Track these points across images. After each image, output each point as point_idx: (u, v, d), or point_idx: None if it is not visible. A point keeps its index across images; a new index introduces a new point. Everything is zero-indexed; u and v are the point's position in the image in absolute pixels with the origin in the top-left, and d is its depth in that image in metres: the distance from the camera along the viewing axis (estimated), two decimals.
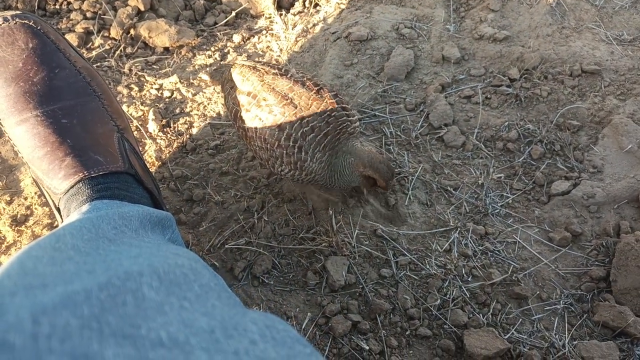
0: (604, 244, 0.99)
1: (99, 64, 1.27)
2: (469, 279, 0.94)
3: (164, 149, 1.11)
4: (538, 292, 0.93)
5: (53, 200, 0.80)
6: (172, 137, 1.13)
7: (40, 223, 0.97)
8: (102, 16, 1.34)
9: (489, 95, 1.23)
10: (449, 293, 0.92)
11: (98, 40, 1.30)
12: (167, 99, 1.21)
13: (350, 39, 1.33)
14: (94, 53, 1.27)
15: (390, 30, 1.36)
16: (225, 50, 1.34)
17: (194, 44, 1.34)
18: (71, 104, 0.80)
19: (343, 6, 1.45)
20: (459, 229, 1.01)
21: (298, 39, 1.37)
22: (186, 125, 1.15)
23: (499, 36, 1.32)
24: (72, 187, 0.75)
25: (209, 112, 1.18)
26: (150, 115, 1.14)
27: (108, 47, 1.30)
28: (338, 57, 1.30)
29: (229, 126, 1.16)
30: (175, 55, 1.32)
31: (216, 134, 1.14)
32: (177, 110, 1.19)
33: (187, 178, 1.06)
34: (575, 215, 1.03)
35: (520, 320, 0.90)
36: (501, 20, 1.39)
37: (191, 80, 1.26)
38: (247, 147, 0.94)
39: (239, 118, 0.91)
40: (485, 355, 0.82)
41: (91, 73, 0.85)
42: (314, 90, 0.87)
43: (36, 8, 1.34)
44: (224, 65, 1.24)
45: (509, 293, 0.93)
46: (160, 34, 1.31)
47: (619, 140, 1.12)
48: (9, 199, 1.00)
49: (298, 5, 1.47)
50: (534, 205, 1.06)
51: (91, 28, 1.31)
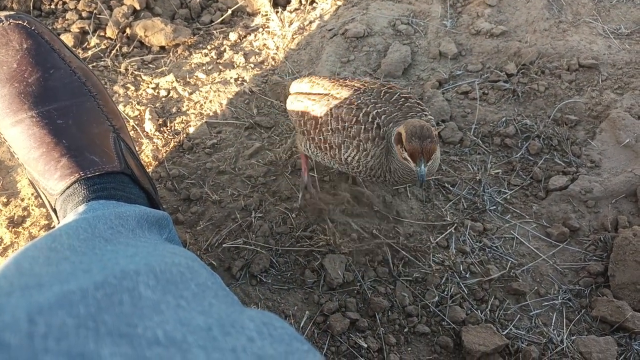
0: (602, 238, 0.99)
1: (95, 63, 1.26)
2: (467, 276, 0.94)
3: (160, 148, 1.10)
4: (536, 288, 0.93)
5: (49, 201, 0.80)
6: (169, 137, 1.13)
7: (37, 224, 0.96)
8: (98, 16, 1.33)
9: (486, 91, 1.23)
10: (447, 290, 0.92)
11: (94, 40, 1.30)
12: (164, 98, 1.21)
13: (346, 36, 1.32)
14: (90, 53, 1.27)
15: (387, 27, 1.35)
16: (222, 49, 1.34)
17: (190, 43, 1.34)
18: (66, 104, 0.79)
19: (339, 3, 1.44)
20: (456, 225, 1.01)
21: (294, 36, 1.37)
22: (183, 125, 1.15)
23: (496, 31, 1.32)
24: (68, 188, 0.75)
25: (206, 111, 1.18)
26: (147, 115, 1.14)
27: (104, 47, 1.30)
28: (335, 54, 1.29)
29: (226, 125, 1.16)
30: (171, 54, 1.32)
31: (213, 133, 1.14)
32: (174, 110, 1.18)
33: (184, 177, 1.06)
34: (573, 210, 1.03)
35: (519, 316, 0.90)
36: (498, 15, 1.39)
37: (188, 79, 1.25)
38: (312, 142, 0.92)
39: (307, 111, 0.92)
40: (483, 352, 0.82)
41: (86, 73, 0.84)
42: (386, 87, 0.89)
43: (31, 8, 1.34)
44: (283, 80, 1.23)
45: (507, 289, 0.93)
46: (156, 32, 1.31)
47: (617, 135, 1.12)
48: (5, 200, 1.00)
49: (294, 3, 1.46)
50: (531, 200, 1.06)
51: (87, 28, 1.31)
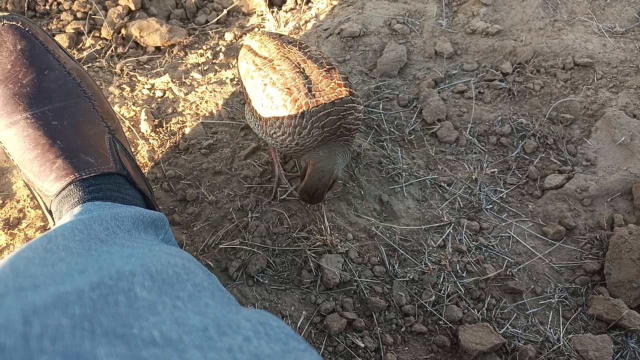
0: (598, 237, 0.99)
1: (90, 64, 1.26)
2: (464, 275, 0.94)
3: (156, 149, 1.10)
4: (532, 287, 0.94)
5: (45, 203, 0.80)
6: (165, 137, 1.12)
7: (33, 226, 0.96)
8: (93, 16, 1.33)
9: (482, 90, 1.23)
10: (443, 289, 0.92)
11: (89, 41, 1.29)
12: (159, 99, 1.20)
13: (342, 36, 1.32)
14: (85, 54, 1.27)
15: (383, 26, 1.36)
16: (217, 49, 1.34)
17: (185, 43, 1.34)
18: (61, 105, 0.79)
19: (335, 2, 1.44)
20: (453, 225, 1.01)
21: (290, 36, 1.36)
22: (179, 125, 1.15)
23: (492, 30, 1.32)
24: (64, 189, 0.75)
25: (202, 112, 1.18)
26: (143, 116, 1.13)
27: (99, 48, 1.29)
28: (331, 54, 1.29)
29: (222, 125, 1.15)
30: (166, 54, 1.31)
31: (209, 133, 1.14)
32: (170, 110, 1.18)
33: (181, 178, 1.06)
34: (568, 208, 1.03)
35: (515, 314, 0.90)
36: (493, 14, 1.39)
37: (183, 80, 1.25)
38: (248, 106, 0.98)
39: (249, 76, 0.94)
40: (480, 351, 0.82)
41: (81, 74, 0.84)
42: (325, 68, 0.90)
43: (26, 9, 1.33)
44: (239, 44, 1.30)
45: (503, 288, 0.93)
46: (151, 33, 1.30)
47: (612, 133, 1.12)
48: (1, 202, 0.99)
49: (290, 2, 1.46)
50: (527, 199, 1.06)
51: (82, 28, 1.30)
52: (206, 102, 1.19)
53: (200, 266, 0.61)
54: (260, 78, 0.91)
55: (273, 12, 1.43)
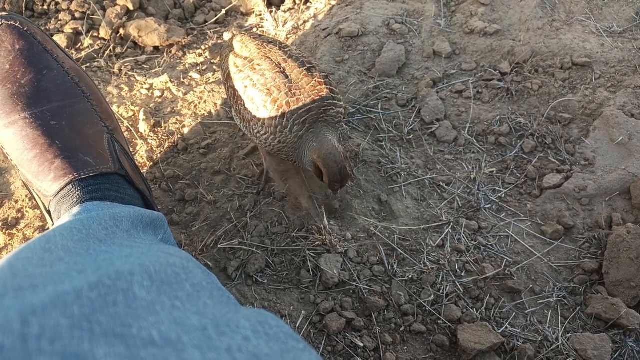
0: (596, 236, 0.99)
1: (88, 64, 1.26)
2: (463, 274, 0.94)
3: (155, 149, 1.10)
4: (531, 286, 0.94)
5: (43, 203, 0.80)
6: (164, 137, 1.12)
7: (32, 226, 0.96)
8: (91, 16, 1.33)
9: (480, 90, 1.23)
10: (442, 288, 0.92)
11: (87, 41, 1.29)
12: (158, 99, 1.20)
13: (341, 35, 1.33)
14: (83, 54, 1.27)
15: (381, 26, 1.36)
16: None
17: (184, 43, 1.34)
18: (60, 105, 0.79)
19: (333, 2, 1.44)
20: (451, 224, 1.01)
21: (289, 36, 1.37)
22: (177, 125, 1.15)
23: (490, 30, 1.33)
24: (62, 189, 0.75)
25: (200, 112, 1.18)
26: (141, 116, 1.13)
27: (97, 48, 1.29)
28: (329, 54, 1.30)
29: (221, 125, 1.15)
30: (165, 54, 1.31)
31: (208, 133, 1.14)
32: (168, 110, 1.18)
33: (179, 178, 1.05)
34: (567, 208, 1.03)
35: (514, 314, 0.90)
36: (492, 14, 1.39)
37: (182, 80, 1.25)
38: (233, 107, 0.99)
39: (231, 78, 0.95)
40: (479, 350, 0.82)
41: (79, 74, 0.84)
42: (306, 67, 0.91)
43: (24, 9, 1.33)
44: (224, 42, 1.31)
45: (502, 287, 0.93)
46: (149, 33, 1.30)
47: (610, 133, 1.13)
48: None
49: (288, 2, 1.46)
50: (526, 199, 1.06)
51: (80, 28, 1.30)
52: (205, 102, 1.19)
53: (199, 266, 0.61)
54: (240, 80, 0.92)
55: (271, 12, 1.43)
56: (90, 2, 1.33)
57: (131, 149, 1.08)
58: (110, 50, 1.29)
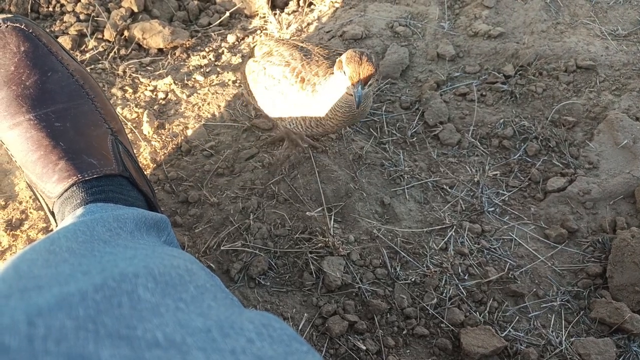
0: (600, 240, 0.99)
1: (92, 66, 1.26)
2: (466, 277, 0.94)
3: (158, 150, 1.10)
4: (534, 290, 0.93)
5: (47, 204, 0.80)
6: (167, 139, 1.12)
7: (36, 227, 0.96)
8: (96, 18, 1.33)
9: (484, 93, 1.23)
10: (445, 292, 0.92)
11: (92, 43, 1.29)
12: (162, 101, 1.21)
13: (344, 38, 1.33)
14: (88, 55, 1.27)
15: (385, 29, 1.36)
16: (220, 51, 1.34)
17: (188, 45, 1.34)
18: (64, 107, 0.79)
19: (337, 5, 1.45)
20: (455, 227, 1.01)
21: (292, 38, 1.37)
22: (181, 127, 1.15)
23: (494, 33, 1.33)
24: (66, 191, 0.75)
25: (204, 113, 1.18)
26: (145, 117, 1.14)
27: (102, 49, 1.30)
28: None
29: (224, 127, 1.15)
30: (169, 56, 1.32)
31: (211, 135, 1.14)
32: (172, 112, 1.18)
33: (183, 180, 1.06)
34: (571, 211, 1.03)
35: (517, 317, 0.90)
36: (495, 16, 1.39)
37: (186, 81, 1.25)
38: (250, 97, 1.01)
39: (250, 72, 0.98)
40: (482, 354, 0.82)
41: (84, 76, 0.84)
42: (323, 45, 0.95)
43: (29, 11, 1.34)
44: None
45: (505, 291, 0.93)
46: (154, 35, 1.30)
47: (615, 136, 1.12)
48: (3, 203, 0.99)
49: (292, 5, 1.46)
50: (529, 202, 1.06)
51: (85, 30, 1.31)
52: (208, 104, 1.20)
53: (203, 268, 0.61)
54: (259, 65, 0.94)
55: (275, 15, 1.43)
56: (95, 4, 1.34)
57: (135, 151, 1.08)
58: (115, 52, 1.29)
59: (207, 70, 1.29)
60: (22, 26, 0.79)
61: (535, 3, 1.38)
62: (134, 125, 1.14)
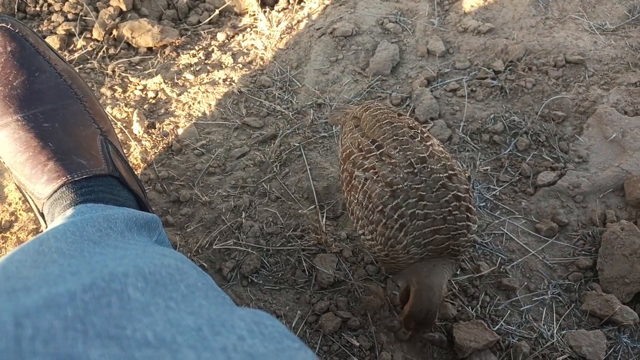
0: (590, 233, 1.00)
1: (81, 66, 1.26)
2: (458, 272, 0.94)
3: (149, 150, 1.10)
4: (526, 283, 0.94)
5: (37, 206, 0.79)
6: (158, 138, 1.12)
7: (25, 229, 0.96)
8: (84, 17, 1.32)
9: (474, 88, 1.23)
10: None
11: (80, 42, 1.29)
12: (152, 100, 1.20)
13: (335, 35, 1.33)
14: (76, 55, 1.26)
15: (375, 25, 1.36)
16: (210, 49, 1.34)
17: (177, 44, 1.33)
18: (52, 107, 0.79)
19: (327, 2, 1.44)
20: None
21: (283, 36, 1.36)
22: (171, 126, 1.14)
23: (483, 29, 1.33)
24: (56, 192, 0.74)
25: (195, 112, 1.17)
26: (135, 117, 1.13)
27: (90, 49, 1.29)
28: (323, 54, 1.30)
29: (215, 125, 1.15)
30: (159, 55, 1.31)
31: (202, 134, 1.13)
32: (162, 111, 1.18)
33: (174, 179, 1.05)
34: (561, 205, 1.04)
35: (509, 311, 0.90)
36: (485, 12, 1.39)
37: (176, 80, 1.25)
38: (344, 193, 0.83)
39: (350, 161, 0.80)
40: (474, 348, 0.82)
41: (72, 76, 0.84)
42: (447, 174, 0.74)
43: (16, 10, 1.33)
44: (344, 107, 1.11)
45: (497, 285, 0.93)
46: (143, 34, 1.30)
47: (604, 130, 1.13)
48: None
49: (282, 2, 1.46)
50: (520, 196, 1.06)
51: (73, 30, 1.30)
52: (199, 103, 1.19)
53: (194, 267, 0.61)
54: (362, 169, 0.77)
55: (265, 12, 1.43)
56: (83, 3, 1.33)
57: (125, 151, 1.08)
58: (104, 51, 1.29)
59: (197, 68, 1.28)
60: (9, 26, 0.78)
61: None
62: (124, 124, 1.13)
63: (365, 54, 1.30)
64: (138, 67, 1.28)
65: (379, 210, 0.73)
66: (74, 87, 0.82)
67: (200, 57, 1.31)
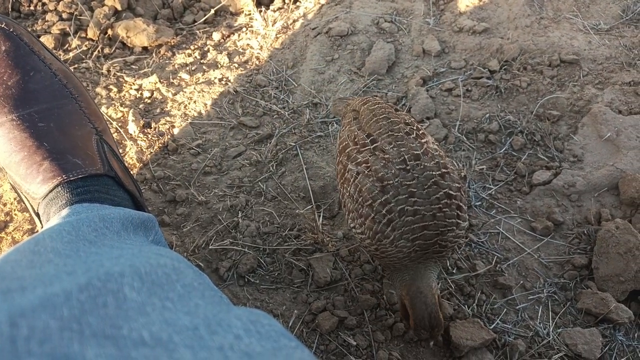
0: (586, 232, 1.00)
1: (76, 65, 1.25)
2: (454, 271, 0.95)
3: (145, 150, 1.10)
4: (522, 282, 0.94)
5: (32, 205, 0.79)
6: (153, 138, 1.12)
7: (21, 229, 0.95)
8: (79, 17, 1.32)
9: (469, 88, 1.24)
10: None
11: (75, 42, 1.28)
12: (147, 100, 1.20)
13: (330, 35, 1.33)
14: (71, 54, 1.26)
15: (371, 25, 1.36)
16: (205, 49, 1.33)
17: (173, 43, 1.33)
18: (47, 107, 0.78)
19: (323, 1, 1.44)
20: None
21: (278, 35, 1.36)
22: (167, 126, 1.14)
23: (478, 28, 1.33)
24: (51, 192, 0.74)
25: (190, 112, 1.17)
26: (130, 116, 1.13)
27: (85, 48, 1.28)
28: (319, 53, 1.30)
29: (211, 125, 1.15)
30: (154, 54, 1.31)
31: (198, 134, 1.13)
32: (158, 111, 1.17)
33: (170, 179, 1.05)
34: (556, 204, 1.04)
35: (505, 310, 0.91)
36: (480, 12, 1.40)
37: (171, 80, 1.24)
38: (338, 185, 0.84)
39: (345, 154, 0.80)
40: (471, 346, 0.83)
41: (67, 75, 0.83)
42: (440, 172, 0.74)
43: (10, 10, 1.32)
44: (347, 97, 1.11)
45: (493, 284, 0.94)
46: (138, 33, 1.29)
47: (598, 129, 1.13)
48: None
49: (278, 2, 1.46)
50: (516, 195, 1.07)
51: (67, 29, 1.29)
52: (194, 103, 1.19)
53: (190, 266, 0.61)
54: (356, 162, 0.77)
55: (261, 12, 1.43)
56: (78, 3, 1.32)
57: (121, 150, 1.07)
58: (99, 51, 1.28)
59: (193, 68, 1.28)
60: (3, 25, 0.78)
61: None
62: (120, 124, 1.13)
63: (361, 53, 1.30)
64: (133, 67, 1.28)
65: (368, 204, 0.73)
66: (69, 87, 0.82)
67: (195, 57, 1.31)
